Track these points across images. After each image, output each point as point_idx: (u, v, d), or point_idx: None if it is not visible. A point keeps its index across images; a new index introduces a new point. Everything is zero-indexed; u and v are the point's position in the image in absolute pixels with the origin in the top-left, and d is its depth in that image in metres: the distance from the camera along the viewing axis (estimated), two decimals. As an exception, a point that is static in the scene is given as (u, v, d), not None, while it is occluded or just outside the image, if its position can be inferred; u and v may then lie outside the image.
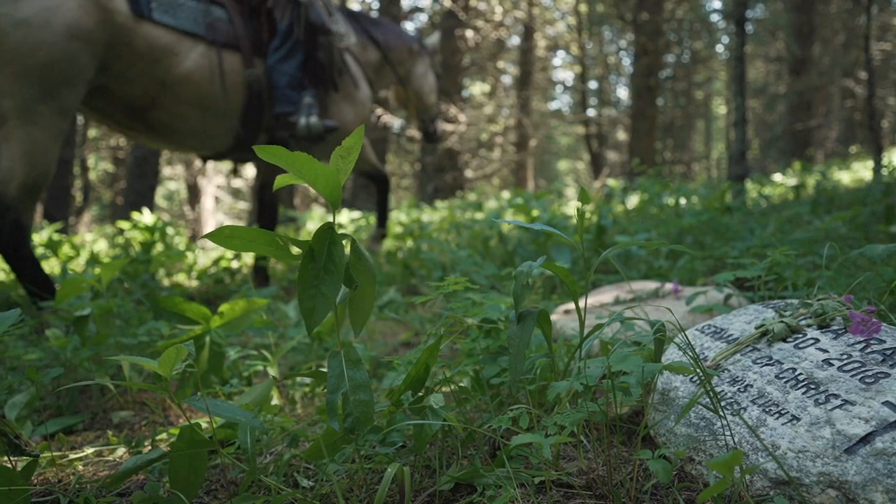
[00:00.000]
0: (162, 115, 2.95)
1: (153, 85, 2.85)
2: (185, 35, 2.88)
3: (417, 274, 3.60)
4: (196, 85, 2.95)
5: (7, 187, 2.40)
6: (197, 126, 3.07)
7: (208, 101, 3.01)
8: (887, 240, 2.65)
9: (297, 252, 1.04)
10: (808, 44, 13.95)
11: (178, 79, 2.89)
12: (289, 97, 3.14)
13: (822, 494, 0.84)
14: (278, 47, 3.14)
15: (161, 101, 2.90)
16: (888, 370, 0.94)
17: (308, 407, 1.68)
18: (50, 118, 2.50)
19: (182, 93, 2.93)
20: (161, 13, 2.80)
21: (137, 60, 2.77)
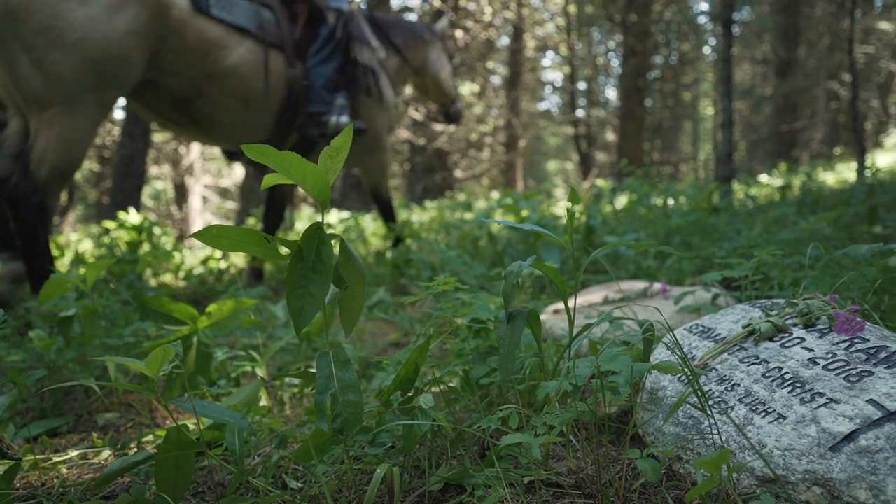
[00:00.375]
0: (206, 106, 3.06)
1: (200, 77, 2.96)
2: (234, 30, 3.02)
3: (407, 274, 3.60)
4: (241, 78, 3.08)
5: (39, 169, 2.49)
6: (237, 119, 3.19)
7: (251, 96, 3.14)
8: (871, 240, 2.68)
9: (286, 252, 1.03)
10: (793, 46, 14.09)
11: (224, 71, 3.01)
12: (323, 97, 3.33)
13: (808, 492, 0.85)
14: (318, 51, 3.34)
15: (207, 93, 3.02)
16: (872, 369, 0.95)
17: (297, 408, 1.67)
18: (92, 109, 2.61)
19: (228, 85, 3.05)
20: (218, 9, 2.95)
21: (187, 53, 2.88)
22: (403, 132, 11.40)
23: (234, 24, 3.01)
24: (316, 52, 3.34)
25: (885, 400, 0.88)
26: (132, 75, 2.73)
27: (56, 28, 2.45)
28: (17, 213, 2.49)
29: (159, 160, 12.87)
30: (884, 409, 0.87)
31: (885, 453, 0.82)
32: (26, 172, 2.50)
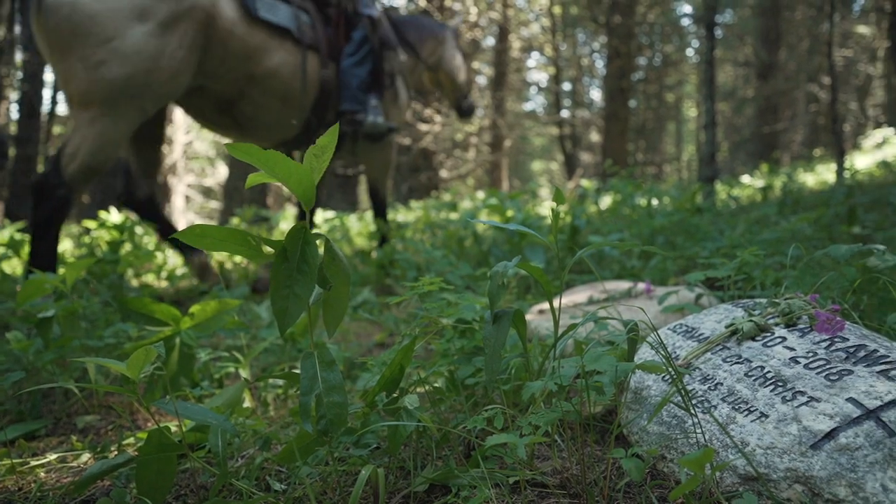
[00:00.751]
0: (248, 107, 3.22)
1: (244, 79, 3.12)
2: (276, 32, 3.17)
3: (392, 274, 3.59)
4: (282, 79, 3.23)
5: (70, 164, 2.63)
6: (275, 117, 3.35)
7: (289, 96, 3.30)
8: (850, 240, 2.71)
9: (270, 252, 1.02)
10: (774, 49, 14.27)
11: (266, 73, 3.16)
12: (357, 97, 3.50)
13: (789, 490, 0.85)
14: (353, 53, 3.52)
15: (249, 94, 3.18)
16: (851, 367, 0.97)
17: (281, 409, 1.66)
18: (133, 114, 2.76)
19: (269, 86, 3.20)
20: (265, 11, 3.10)
21: (232, 58, 3.03)
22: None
23: (278, 24, 3.15)
24: (351, 54, 3.51)
25: (865, 398, 0.89)
26: (179, 85, 2.89)
27: (116, 40, 2.64)
28: (39, 201, 2.61)
29: (141, 159, 12.71)
30: (863, 407, 0.88)
31: (864, 451, 0.83)
32: (57, 165, 2.63)
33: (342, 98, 3.49)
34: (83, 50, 2.60)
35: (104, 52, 2.62)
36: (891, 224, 3.02)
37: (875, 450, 0.82)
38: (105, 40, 2.62)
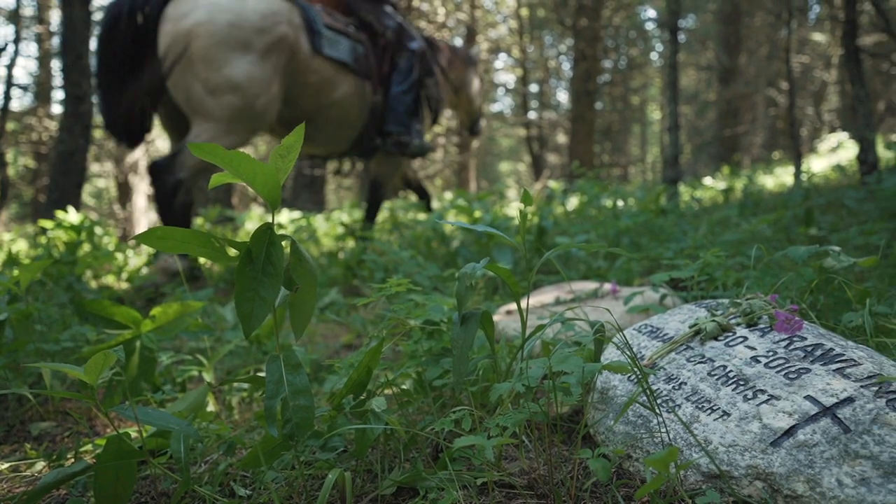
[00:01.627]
0: (310, 128, 3.69)
1: (313, 108, 3.60)
2: (340, 67, 3.64)
3: (359, 275, 3.56)
4: (342, 108, 3.73)
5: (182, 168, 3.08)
6: (332, 136, 3.87)
7: (347, 120, 3.81)
8: (807, 241, 2.79)
9: (235, 254, 1.00)
10: (735, 54, 14.62)
11: (332, 103, 3.66)
12: (403, 121, 3.96)
13: (750, 486, 0.87)
14: (401, 82, 3.95)
15: (314, 120, 3.66)
16: (809, 366, 0.99)
17: (246, 413, 1.63)
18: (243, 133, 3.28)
19: (332, 113, 3.70)
20: (328, 48, 3.54)
21: (307, 88, 3.51)
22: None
23: (339, 59, 3.61)
24: (399, 82, 3.95)
25: (821, 395, 0.92)
26: (275, 107, 3.35)
27: (226, 68, 3.11)
28: (159, 199, 3.12)
29: (101, 157, 12.40)
30: (820, 404, 0.90)
31: (820, 447, 0.85)
32: (172, 170, 3.08)
33: (389, 120, 3.95)
34: (198, 75, 3.09)
35: (219, 78, 3.11)
36: (845, 226, 3.11)
37: (831, 446, 0.85)
38: (217, 68, 3.10)
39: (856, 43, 4.14)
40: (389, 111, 3.94)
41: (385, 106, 3.95)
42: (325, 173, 11.67)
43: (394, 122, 3.94)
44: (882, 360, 0.99)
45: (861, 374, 0.95)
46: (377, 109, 3.93)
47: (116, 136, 3.38)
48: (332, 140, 3.89)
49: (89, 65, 5.33)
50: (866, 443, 0.84)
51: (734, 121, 14.67)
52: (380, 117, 3.96)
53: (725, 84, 14.56)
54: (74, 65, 5.20)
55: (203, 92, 3.10)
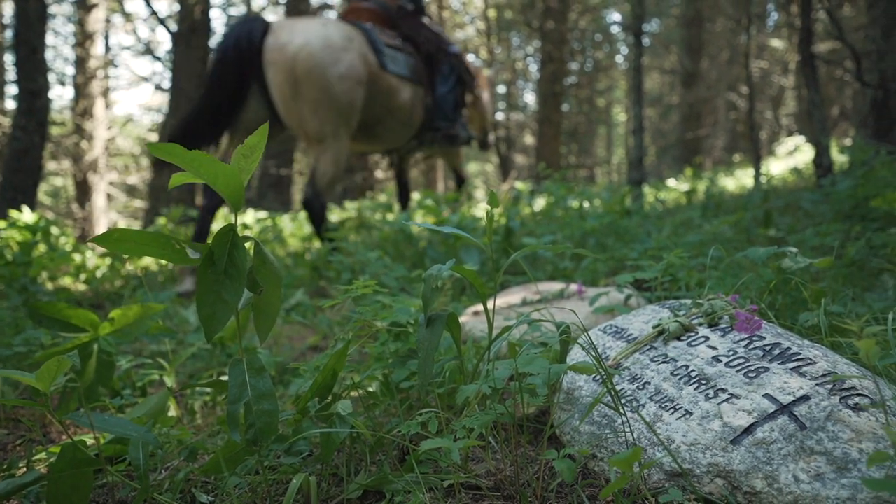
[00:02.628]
0: (381, 129, 4.29)
1: (383, 112, 4.18)
2: (401, 78, 4.23)
3: (326, 276, 3.53)
4: (406, 110, 4.31)
5: (321, 181, 3.75)
6: (396, 134, 4.45)
7: (408, 119, 4.39)
8: (766, 242, 2.87)
9: (196, 256, 0.98)
10: (697, 58, 14.93)
11: (397, 106, 4.24)
12: (449, 117, 4.65)
13: (711, 484, 0.89)
14: (444, 83, 4.62)
15: (383, 121, 4.24)
16: (768, 365, 1.02)
17: (209, 417, 1.60)
18: (344, 139, 3.83)
19: (398, 115, 4.29)
20: (391, 65, 4.13)
21: (378, 96, 4.07)
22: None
23: (400, 74, 4.21)
24: (443, 84, 4.61)
25: (779, 394, 0.94)
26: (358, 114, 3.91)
27: (326, 88, 3.63)
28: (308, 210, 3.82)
29: (58, 155, 12.04)
30: (778, 402, 0.93)
31: (778, 444, 0.87)
32: (312, 184, 3.77)
33: (438, 117, 4.60)
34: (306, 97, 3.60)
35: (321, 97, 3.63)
36: (802, 227, 3.21)
37: (788, 443, 0.87)
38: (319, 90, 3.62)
39: (811, 50, 4.26)
40: (437, 109, 4.58)
41: (433, 105, 4.57)
42: (291, 173, 11.55)
43: (442, 118, 4.60)
44: (836, 359, 1.02)
45: (816, 372, 0.97)
46: (429, 109, 4.58)
47: None
48: (395, 138, 4.52)
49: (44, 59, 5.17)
50: (821, 439, 0.86)
51: (696, 124, 14.99)
52: (430, 115, 4.59)
53: (688, 88, 14.87)
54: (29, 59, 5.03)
55: (309, 112, 3.65)
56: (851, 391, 0.92)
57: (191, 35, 7.42)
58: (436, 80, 4.59)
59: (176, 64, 7.53)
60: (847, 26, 9.70)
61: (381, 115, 4.18)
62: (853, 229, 2.67)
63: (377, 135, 4.34)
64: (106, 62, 11.26)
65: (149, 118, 16.67)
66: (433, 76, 4.60)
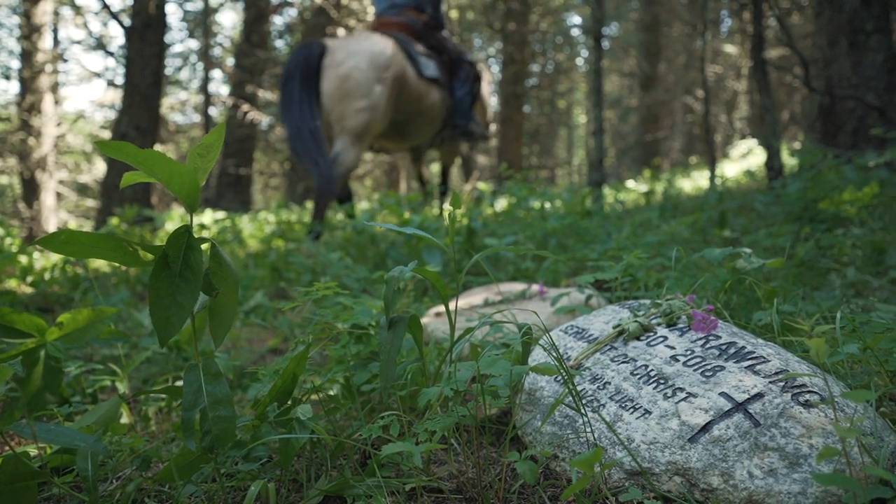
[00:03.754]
0: (411, 127, 5.00)
1: (414, 112, 4.88)
2: (430, 82, 4.92)
3: (286, 277, 3.48)
4: (433, 110, 5.02)
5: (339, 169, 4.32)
6: (423, 131, 5.14)
7: (434, 118, 5.09)
8: (722, 243, 2.94)
9: (150, 258, 0.95)
10: (655, 62, 15.25)
11: (426, 107, 4.94)
12: (466, 115, 5.31)
13: (670, 482, 0.90)
14: (462, 87, 5.29)
15: (414, 120, 4.95)
16: (724, 363, 1.04)
17: (164, 423, 1.55)
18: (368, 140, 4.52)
19: (427, 114, 4.99)
20: (425, 70, 4.83)
21: (410, 100, 4.76)
22: (283, 130, 11.05)
23: (431, 77, 4.88)
24: (460, 87, 5.28)
25: (734, 392, 0.96)
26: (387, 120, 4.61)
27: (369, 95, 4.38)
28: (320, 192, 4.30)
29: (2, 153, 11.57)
30: (733, 400, 0.95)
31: (733, 441, 0.89)
32: (332, 171, 4.26)
33: (457, 116, 5.29)
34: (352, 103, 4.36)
35: (364, 102, 4.36)
36: (755, 228, 3.30)
37: (743, 440, 0.89)
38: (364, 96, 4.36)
39: (763, 56, 4.40)
40: (457, 109, 5.28)
41: (453, 106, 5.27)
42: (251, 172, 11.35)
43: (461, 117, 5.29)
44: (788, 357, 1.05)
45: (770, 370, 1.00)
46: (451, 109, 5.28)
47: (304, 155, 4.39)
48: (421, 135, 5.18)
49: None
50: (774, 436, 0.88)
51: (654, 126, 15.31)
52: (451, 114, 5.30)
53: (646, 91, 15.17)
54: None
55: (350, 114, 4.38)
56: (802, 388, 0.95)
57: (145, 30, 7.22)
58: (455, 84, 5.30)
59: (130, 59, 7.32)
60: (796, 34, 10.05)
61: (413, 115, 4.89)
62: (803, 230, 2.76)
63: (408, 132, 5.07)
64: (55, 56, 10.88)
65: (101, 115, 16.16)
66: (452, 81, 5.32)
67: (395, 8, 5.14)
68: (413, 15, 5.14)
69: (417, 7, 5.19)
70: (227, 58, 14.56)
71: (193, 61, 15.39)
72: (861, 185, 3.04)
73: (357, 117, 4.38)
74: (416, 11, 5.18)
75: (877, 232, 2.53)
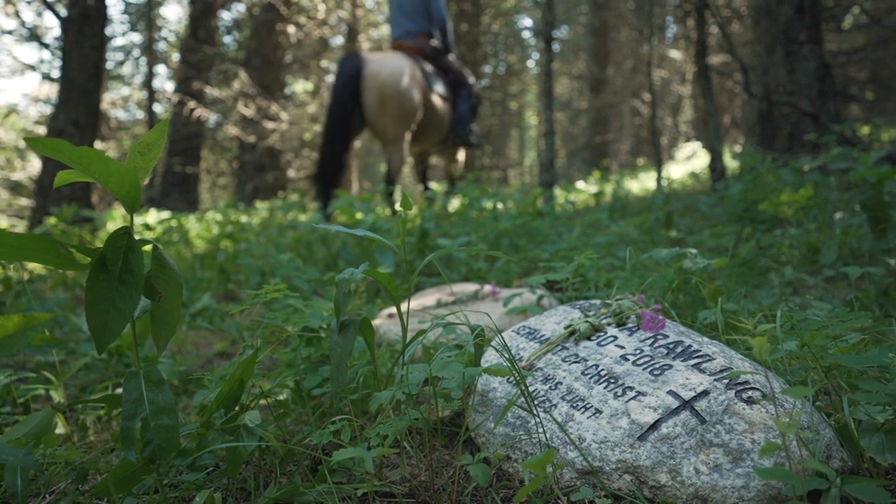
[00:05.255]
0: (424, 133, 5.87)
1: (427, 120, 5.74)
2: (440, 97, 5.84)
3: (235, 279, 3.39)
4: (443, 120, 5.96)
5: (395, 168, 5.40)
6: (432, 138, 6.04)
7: (440, 128, 6.01)
8: (668, 243, 3.02)
9: (86, 260, 0.91)
10: (604, 65, 15.58)
11: (437, 118, 5.85)
12: (467, 126, 6.18)
13: (620, 480, 0.92)
14: (464, 103, 6.18)
15: (427, 127, 5.82)
16: (671, 362, 1.06)
17: (103, 433, 1.49)
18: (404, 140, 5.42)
19: (437, 124, 5.89)
20: (437, 86, 5.77)
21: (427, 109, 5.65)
22: (232, 129, 10.79)
23: (441, 94, 5.85)
24: (462, 104, 6.18)
25: (682, 390, 0.98)
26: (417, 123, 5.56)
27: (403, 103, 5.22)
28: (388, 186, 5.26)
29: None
30: (680, 398, 0.97)
31: (681, 439, 0.91)
32: (389, 171, 5.38)
33: (458, 127, 6.16)
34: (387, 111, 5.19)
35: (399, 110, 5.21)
36: (699, 228, 3.40)
37: (690, 437, 0.91)
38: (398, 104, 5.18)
39: (705, 62, 4.54)
40: (459, 122, 6.18)
41: (456, 119, 6.18)
42: (198, 171, 11.05)
43: (461, 128, 6.18)
44: (732, 355, 1.08)
45: (715, 368, 1.02)
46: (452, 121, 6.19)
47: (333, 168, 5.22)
48: (430, 140, 6.08)
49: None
50: (718, 432, 0.91)
51: (604, 128, 15.64)
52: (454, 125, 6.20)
53: (596, 93, 15.48)
54: None
55: (389, 121, 5.22)
56: (745, 385, 0.98)
57: (84, 22, 6.92)
58: (458, 101, 6.24)
59: (66, 52, 7.01)
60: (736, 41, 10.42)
61: (426, 123, 5.80)
62: (744, 231, 2.86)
63: (420, 138, 5.97)
64: (-15, 47, 10.31)
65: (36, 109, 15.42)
66: (456, 98, 6.26)
67: (409, 35, 6.00)
68: (424, 41, 6.01)
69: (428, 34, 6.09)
70: (173, 53, 14.12)
71: (136, 55, 14.86)
72: (797, 188, 3.17)
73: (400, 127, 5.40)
74: (427, 38, 6.07)
75: (811, 232, 2.64)
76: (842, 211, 2.98)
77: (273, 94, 11.13)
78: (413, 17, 6.02)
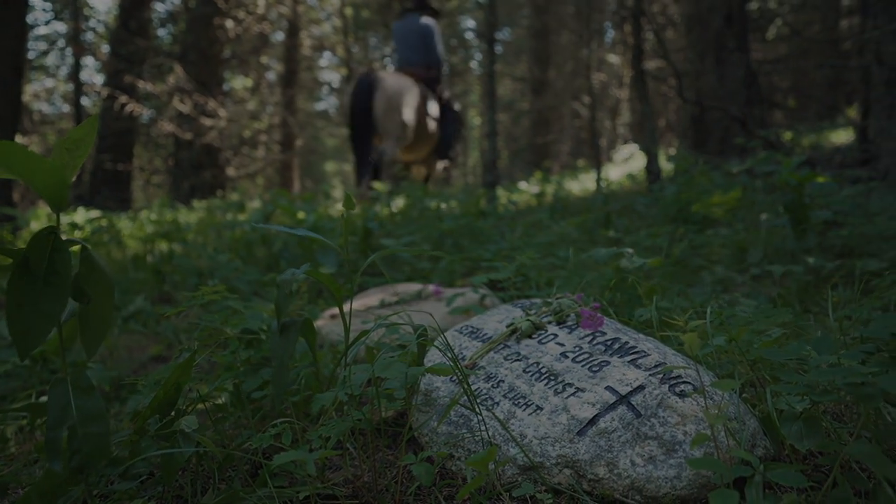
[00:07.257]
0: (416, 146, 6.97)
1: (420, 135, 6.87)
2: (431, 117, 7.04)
3: (170, 280, 3.28)
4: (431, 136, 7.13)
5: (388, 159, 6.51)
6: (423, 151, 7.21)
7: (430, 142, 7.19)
8: (607, 242, 3.11)
9: (7, 261, 0.86)
10: (545, 68, 15.87)
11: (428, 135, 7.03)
12: (451, 146, 7.54)
13: (560, 474, 0.94)
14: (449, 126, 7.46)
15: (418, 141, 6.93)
16: (609, 358, 1.09)
17: (26, 443, 1.41)
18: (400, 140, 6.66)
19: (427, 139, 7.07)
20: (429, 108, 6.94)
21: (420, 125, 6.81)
22: (167, 125, 10.42)
23: (433, 116, 6.95)
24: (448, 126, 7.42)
25: (619, 385, 1.01)
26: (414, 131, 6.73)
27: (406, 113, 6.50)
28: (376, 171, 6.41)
29: None
30: (617, 393, 1.00)
31: (618, 433, 0.94)
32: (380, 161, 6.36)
33: (444, 146, 7.45)
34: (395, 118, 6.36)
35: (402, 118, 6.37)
36: (636, 228, 3.51)
37: (626, 430, 0.94)
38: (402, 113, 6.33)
39: (642, 67, 4.69)
40: (444, 141, 7.46)
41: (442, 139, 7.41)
42: (130, 168, 10.62)
43: (446, 147, 7.50)
44: (666, 350, 1.12)
45: (650, 363, 1.06)
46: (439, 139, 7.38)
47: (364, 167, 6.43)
48: (419, 153, 7.22)
49: None
50: (653, 425, 0.94)
51: (545, 129, 15.92)
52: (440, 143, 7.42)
53: (537, 95, 15.75)
54: None
55: (393, 127, 6.35)
56: (678, 380, 1.02)
57: (2, 7, 6.55)
58: (445, 123, 7.46)
59: (-14, 41, 6.60)
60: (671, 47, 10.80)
61: (418, 137, 6.89)
62: (678, 231, 2.97)
63: (414, 149, 7.08)
64: None
65: (-48, 101, 14.46)
66: (444, 121, 7.46)
67: (410, 64, 7.20)
68: (423, 70, 7.23)
69: (426, 65, 7.31)
70: (101, 44, 13.51)
71: (61, 46, 14.14)
72: (727, 190, 3.32)
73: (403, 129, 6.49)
74: (426, 68, 7.28)
75: (740, 232, 2.77)
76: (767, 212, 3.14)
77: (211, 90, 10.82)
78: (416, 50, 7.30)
